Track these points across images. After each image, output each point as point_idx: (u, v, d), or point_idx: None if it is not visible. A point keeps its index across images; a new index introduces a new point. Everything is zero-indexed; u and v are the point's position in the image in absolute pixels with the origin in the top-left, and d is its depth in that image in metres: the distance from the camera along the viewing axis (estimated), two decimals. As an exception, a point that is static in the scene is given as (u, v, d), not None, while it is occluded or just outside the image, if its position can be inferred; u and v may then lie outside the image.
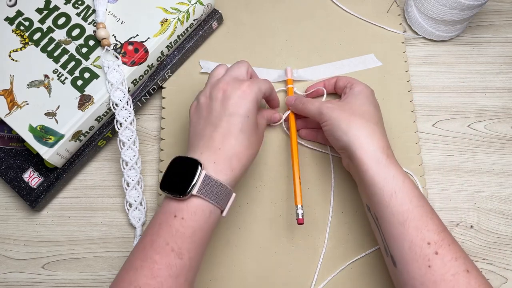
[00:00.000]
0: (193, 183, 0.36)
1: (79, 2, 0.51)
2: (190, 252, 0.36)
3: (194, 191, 0.36)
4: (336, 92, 0.50)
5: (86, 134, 0.48)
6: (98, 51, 0.49)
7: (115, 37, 0.49)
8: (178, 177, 0.37)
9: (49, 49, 0.49)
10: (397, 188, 0.38)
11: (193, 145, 0.41)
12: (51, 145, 0.46)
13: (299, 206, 0.44)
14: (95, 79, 0.48)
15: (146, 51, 0.49)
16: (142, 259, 0.35)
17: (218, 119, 0.40)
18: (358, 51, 0.54)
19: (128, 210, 0.49)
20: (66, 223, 0.50)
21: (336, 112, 0.42)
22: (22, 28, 0.50)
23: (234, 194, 0.40)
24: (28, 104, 0.47)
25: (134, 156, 0.49)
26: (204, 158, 0.38)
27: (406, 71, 0.53)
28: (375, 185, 0.39)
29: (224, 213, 0.39)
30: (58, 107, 0.47)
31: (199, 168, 0.37)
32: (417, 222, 0.37)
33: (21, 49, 0.49)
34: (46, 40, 0.50)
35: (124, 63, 0.48)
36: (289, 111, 0.50)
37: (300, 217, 0.43)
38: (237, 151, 0.39)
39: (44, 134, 0.46)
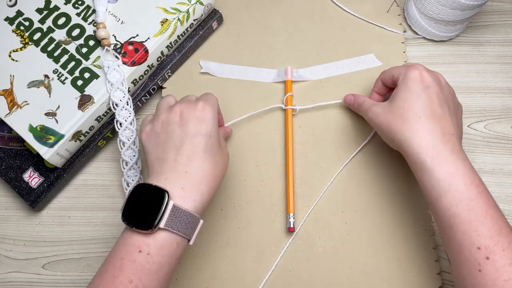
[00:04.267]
0: (159, 215, 0.34)
1: (79, 2, 0.51)
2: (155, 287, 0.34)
3: (162, 224, 0.34)
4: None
5: (86, 134, 0.48)
6: (98, 51, 0.49)
7: (115, 37, 0.49)
8: (143, 208, 0.35)
9: (49, 49, 0.49)
10: (442, 192, 0.37)
11: (155, 170, 0.38)
12: (51, 145, 0.46)
13: (291, 214, 0.46)
14: (95, 79, 0.48)
15: (146, 51, 0.49)
16: None
17: (179, 142, 0.38)
18: (358, 51, 0.54)
19: (128, 210, 0.49)
20: (66, 223, 0.50)
21: (380, 119, 0.42)
22: (22, 28, 0.50)
23: (201, 221, 0.37)
24: (28, 104, 0.47)
25: (134, 156, 0.49)
26: (170, 184, 0.36)
27: (406, 71, 0.53)
28: (423, 189, 0.39)
29: (191, 242, 0.37)
30: (58, 107, 0.47)
31: (166, 197, 0.35)
32: (465, 227, 0.35)
33: (21, 49, 0.49)
34: (46, 40, 0.50)
35: (124, 63, 0.48)
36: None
37: (291, 225, 0.46)
38: (205, 172, 0.37)
39: (44, 134, 0.46)
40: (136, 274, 0.33)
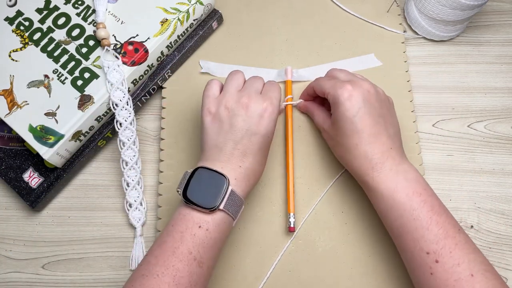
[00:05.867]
0: (220, 198, 0.38)
1: (79, 2, 0.51)
2: (209, 261, 0.38)
3: (221, 206, 0.38)
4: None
5: (86, 134, 0.48)
6: (98, 51, 0.49)
7: (115, 37, 0.49)
8: (204, 189, 0.38)
9: (49, 49, 0.49)
10: (388, 206, 0.39)
11: (211, 157, 0.41)
12: (51, 145, 0.46)
13: (291, 214, 0.46)
14: (95, 79, 0.48)
15: (146, 51, 0.49)
16: (164, 266, 0.36)
17: (239, 136, 0.41)
18: (358, 51, 0.54)
19: (128, 210, 0.49)
20: (66, 223, 0.50)
21: (328, 143, 0.47)
22: (22, 28, 0.50)
23: (243, 206, 0.41)
24: (28, 104, 0.47)
25: (134, 156, 0.49)
26: (226, 173, 0.39)
27: (406, 71, 0.53)
28: (372, 203, 0.42)
29: (234, 223, 0.41)
30: (58, 107, 0.47)
31: (226, 183, 0.38)
32: (413, 235, 0.38)
33: (21, 49, 0.49)
34: (46, 40, 0.50)
35: (124, 63, 0.48)
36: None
37: (292, 225, 0.46)
38: (254, 169, 0.41)
39: (44, 134, 0.46)
40: (195, 247, 0.37)
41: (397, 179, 0.39)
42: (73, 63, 0.48)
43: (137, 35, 0.49)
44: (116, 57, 0.48)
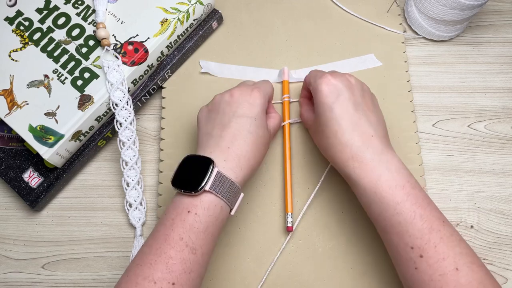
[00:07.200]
0: (205, 179, 0.37)
1: (79, 2, 0.51)
2: (203, 248, 0.37)
3: (207, 187, 0.37)
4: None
5: (86, 134, 0.48)
6: (98, 51, 0.49)
7: (115, 37, 0.49)
8: (191, 174, 0.38)
9: (49, 49, 0.49)
10: (370, 200, 0.38)
11: (202, 144, 0.42)
12: (51, 145, 0.46)
13: (289, 214, 0.46)
14: (95, 79, 0.48)
15: (146, 51, 0.49)
16: (157, 254, 0.36)
17: (227, 120, 0.41)
18: (358, 51, 0.54)
19: (128, 210, 0.49)
20: (66, 223, 0.50)
21: (314, 138, 0.46)
22: (22, 28, 0.50)
23: (242, 194, 0.41)
24: (28, 104, 0.47)
25: (134, 156, 0.49)
26: (214, 156, 0.39)
27: (406, 71, 0.53)
28: (356, 195, 0.41)
29: (233, 212, 0.40)
30: (58, 107, 0.47)
31: (212, 165, 0.38)
32: (396, 229, 0.37)
33: (21, 49, 0.49)
34: (46, 40, 0.50)
35: (124, 63, 0.48)
36: (285, 122, 0.50)
37: (289, 225, 0.46)
38: (245, 151, 0.41)
39: (44, 134, 0.46)
40: (186, 232, 0.36)
41: (379, 170, 0.38)
42: (73, 63, 0.48)
43: (137, 35, 0.49)
44: (116, 57, 0.48)
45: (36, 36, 0.50)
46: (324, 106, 0.41)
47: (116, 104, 0.47)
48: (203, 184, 0.37)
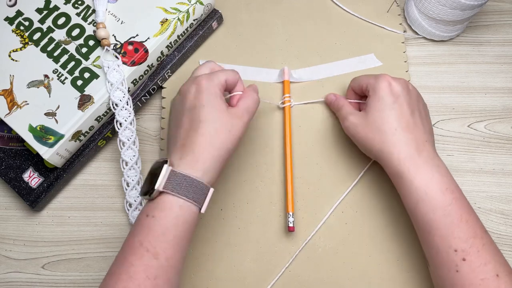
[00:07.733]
0: (157, 179, 0.36)
1: (79, 2, 0.51)
2: (166, 252, 0.36)
3: (161, 188, 0.36)
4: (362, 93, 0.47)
5: (86, 134, 0.48)
6: (98, 51, 0.49)
7: (115, 37, 0.49)
8: (149, 180, 0.38)
9: (49, 49, 0.49)
10: (419, 199, 0.39)
11: (168, 150, 0.42)
12: (51, 145, 0.46)
13: (290, 213, 0.46)
14: (95, 79, 0.48)
15: (146, 51, 0.49)
16: (120, 263, 0.35)
17: (180, 118, 0.41)
18: (358, 51, 0.54)
19: (128, 210, 0.49)
20: (66, 223, 0.50)
21: (357, 130, 0.44)
22: (22, 28, 0.50)
23: (212, 189, 0.38)
24: (28, 104, 0.47)
25: (134, 156, 0.49)
26: (171, 157, 0.39)
27: (406, 71, 0.53)
28: (401, 196, 0.41)
29: (203, 209, 0.38)
30: (58, 107, 0.47)
31: (162, 164, 0.37)
32: (442, 231, 0.38)
33: (21, 49, 0.49)
34: (46, 40, 0.49)
35: (124, 63, 0.48)
36: (286, 104, 0.50)
37: (291, 225, 0.45)
38: (200, 142, 0.38)
39: (44, 134, 0.46)
40: (145, 237, 0.36)
41: (432, 172, 0.39)
42: (73, 63, 0.48)
43: (137, 35, 0.49)
44: (116, 57, 0.48)
45: (36, 36, 0.50)
46: (385, 104, 0.42)
47: (116, 104, 0.47)
48: (156, 186, 0.36)
